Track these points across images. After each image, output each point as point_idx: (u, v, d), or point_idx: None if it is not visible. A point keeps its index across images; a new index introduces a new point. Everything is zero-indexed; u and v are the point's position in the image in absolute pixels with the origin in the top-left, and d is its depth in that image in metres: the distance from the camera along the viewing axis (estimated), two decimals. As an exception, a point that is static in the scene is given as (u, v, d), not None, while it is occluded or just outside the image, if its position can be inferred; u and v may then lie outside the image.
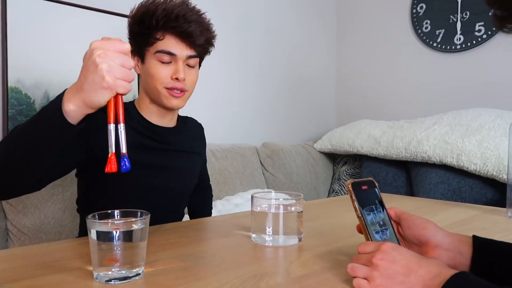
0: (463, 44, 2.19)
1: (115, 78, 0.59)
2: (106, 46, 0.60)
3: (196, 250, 0.73)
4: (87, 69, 0.60)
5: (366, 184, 0.62)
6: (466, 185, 1.75)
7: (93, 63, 0.59)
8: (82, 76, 0.61)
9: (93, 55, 0.59)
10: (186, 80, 0.95)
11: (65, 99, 0.63)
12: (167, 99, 0.95)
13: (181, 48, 0.93)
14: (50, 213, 1.33)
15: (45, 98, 1.52)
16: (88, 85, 0.60)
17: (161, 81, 0.94)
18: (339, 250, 0.73)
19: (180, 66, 0.93)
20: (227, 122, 2.20)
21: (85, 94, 0.60)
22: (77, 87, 0.62)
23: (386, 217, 0.61)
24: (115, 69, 0.60)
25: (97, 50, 0.60)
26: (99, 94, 0.60)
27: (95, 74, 0.59)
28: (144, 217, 0.60)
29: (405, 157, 1.94)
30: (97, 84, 0.59)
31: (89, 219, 0.58)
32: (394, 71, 2.51)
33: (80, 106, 0.62)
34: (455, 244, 0.58)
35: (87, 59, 0.61)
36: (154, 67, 0.94)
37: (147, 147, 0.98)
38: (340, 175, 2.35)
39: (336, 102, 2.85)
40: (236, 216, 1.05)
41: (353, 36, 2.72)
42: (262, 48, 2.37)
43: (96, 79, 0.59)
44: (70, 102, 0.62)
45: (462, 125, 1.83)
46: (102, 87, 0.59)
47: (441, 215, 1.06)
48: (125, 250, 0.57)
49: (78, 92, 0.61)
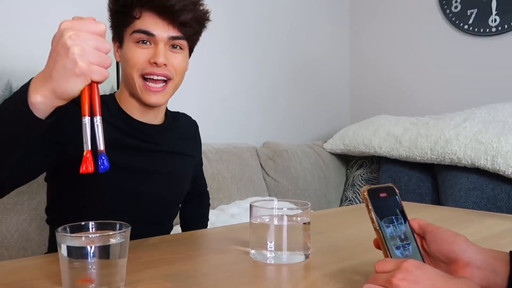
0: (499, 26, 2.19)
1: (89, 63, 0.59)
2: (78, 26, 0.60)
3: (185, 268, 0.73)
4: (57, 53, 0.59)
5: (385, 191, 0.62)
6: (502, 192, 1.75)
7: (63, 46, 0.58)
8: (50, 61, 0.60)
9: (63, 37, 0.59)
10: (170, 65, 0.93)
11: (31, 89, 0.62)
12: (143, 94, 0.94)
13: (162, 28, 0.92)
14: (13, 225, 1.33)
15: (7, 89, 1.52)
16: (58, 72, 0.59)
17: (137, 66, 0.92)
18: (354, 269, 0.73)
19: (160, 48, 0.92)
20: (219, 117, 2.20)
21: (55, 83, 0.60)
22: (45, 75, 0.61)
23: (408, 229, 0.61)
24: (89, 52, 0.59)
25: (68, 31, 0.59)
26: (71, 82, 0.59)
27: (66, 58, 0.58)
28: (124, 229, 0.60)
29: (431, 159, 1.94)
30: (69, 70, 0.59)
31: (59, 233, 0.58)
32: (417, 58, 2.51)
33: (49, 97, 0.61)
34: (489, 262, 0.58)
35: (56, 42, 0.60)
36: (130, 50, 0.93)
37: (128, 146, 0.97)
38: (355, 180, 2.35)
39: (350, 94, 2.85)
40: (232, 229, 1.05)
41: (369, 16, 2.72)
42: (259, 28, 2.36)
43: (68, 64, 0.58)
44: (37, 93, 0.61)
45: (498, 122, 1.83)
46: (75, 74, 0.59)
47: (473, 228, 1.06)
48: (102, 268, 0.57)
49: (47, 81, 0.61)
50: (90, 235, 0.61)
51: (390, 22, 2.62)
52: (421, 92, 2.51)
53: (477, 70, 2.28)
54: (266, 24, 2.38)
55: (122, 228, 0.61)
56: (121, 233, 0.60)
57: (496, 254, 0.59)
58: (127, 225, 0.61)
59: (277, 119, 2.45)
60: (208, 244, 0.95)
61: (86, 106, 0.61)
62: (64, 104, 0.64)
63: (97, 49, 0.60)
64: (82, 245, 0.57)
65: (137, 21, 0.92)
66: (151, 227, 1.01)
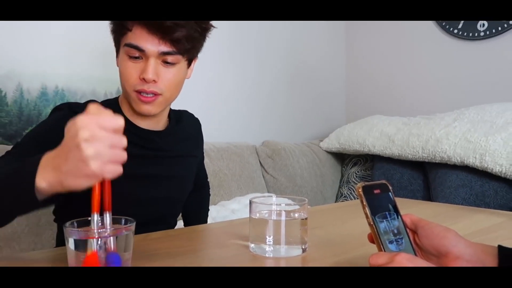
0: (487, 31, 2.19)
1: (102, 165, 0.54)
2: (95, 125, 0.54)
3: (187, 262, 0.73)
4: (69, 150, 0.55)
5: (379, 187, 0.62)
6: (490, 189, 1.75)
7: (77, 147, 0.53)
8: (62, 155, 0.56)
9: (78, 137, 0.53)
10: (160, 82, 0.88)
11: (40, 172, 0.58)
12: (136, 104, 0.90)
13: (152, 43, 0.85)
14: (24, 220, 1.33)
15: (17, 90, 1.51)
16: (67, 168, 0.55)
17: (129, 81, 0.88)
18: (348, 262, 0.73)
19: (150, 64, 0.86)
20: (221, 118, 2.20)
21: (63, 177, 0.56)
22: (55, 166, 0.57)
23: (401, 224, 0.61)
24: (104, 153, 0.54)
25: (84, 131, 0.54)
26: (79, 181, 0.56)
27: (78, 159, 0.54)
28: (129, 224, 0.60)
29: (422, 157, 1.94)
30: (80, 170, 0.55)
31: (67, 227, 0.58)
32: (410, 61, 2.51)
33: (55, 186, 0.58)
34: (478, 255, 0.58)
35: (70, 139, 0.55)
36: (122, 63, 0.89)
37: (133, 155, 0.95)
38: (349, 177, 2.35)
39: (345, 95, 2.84)
40: (233, 224, 1.04)
41: (363, 23, 2.72)
42: (260, 32, 2.36)
43: (79, 165, 0.54)
44: (44, 180, 0.58)
45: (486, 122, 1.83)
46: (86, 175, 0.55)
47: (463, 223, 1.06)
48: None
49: (55, 172, 0.57)
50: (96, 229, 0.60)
51: (383, 27, 2.61)
52: (413, 94, 2.51)
53: (466, 73, 2.28)
54: (266, 31, 2.37)
55: (127, 223, 0.61)
56: (126, 227, 0.60)
57: (484, 248, 0.59)
58: (131, 220, 0.61)
59: (275, 120, 2.45)
60: (209, 239, 0.95)
61: (96, 202, 0.57)
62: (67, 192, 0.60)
63: (112, 147, 0.55)
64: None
65: (130, 33, 0.86)
66: (156, 226, 1.00)
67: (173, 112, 1.08)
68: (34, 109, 1.55)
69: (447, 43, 2.34)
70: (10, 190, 0.62)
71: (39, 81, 1.56)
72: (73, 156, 0.54)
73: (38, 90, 1.56)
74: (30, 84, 1.54)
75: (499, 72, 2.16)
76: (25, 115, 1.54)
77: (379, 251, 0.58)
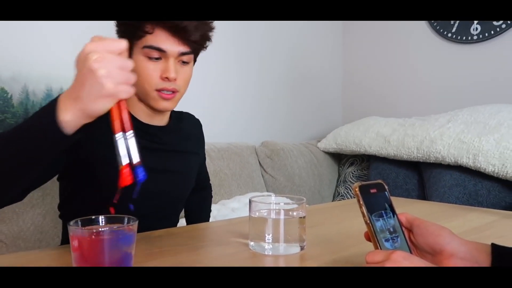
0: (480, 34, 2.19)
1: (115, 84, 0.58)
2: (101, 47, 0.59)
3: (188, 259, 0.72)
4: (83, 76, 0.58)
5: (375, 187, 0.62)
6: (483, 188, 1.75)
7: (89, 70, 0.57)
8: (78, 83, 0.59)
9: (88, 60, 0.57)
10: (178, 79, 0.92)
11: (60, 108, 0.61)
12: (156, 102, 0.93)
13: (172, 44, 0.89)
14: (29, 219, 1.33)
15: (23, 92, 1.51)
16: (85, 93, 0.58)
17: (150, 82, 0.91)
18: (345, 260, 0.73)
19: (171, 64, 0.90)
20: (223, 119, 2.20)
21: (84, 104, 0.59)
22: (73, 95, 0.60)
23: (397, 223, 0.61)
24: (115, 73, 0.58)
25: (93, 54, 0.58)
26: (99, 103, 0.59)
27: (93, 81, 0.58)
28: (132, 223, 0.60)
29: (417, 157, 1.94)
30: (97, 92, 0.58)
31: (71, 226, 0.58)
32: (405, 64, 2.51)
33: (79, 116, 0.60)
34: (472, 253, 0.58)
35: (81, 65, 0.59)
36: (141, 64, 0.91)
37: (140, 148, 0.96)
38: (346, 177, 2.35)
39: (342, 97, 2.84)
40: (233, 222, 1.04)
41: (360, 26, 2.72)
42: (262, 39, 2.36)
43: (95, 87, 0.58)
44: (67, 112, 0.60)
45: (479, 123, 1.83)
46: (103, 95, 0.58)
47: (456, 221, 1.06)
48: (111, 259, 0.57)
49: (75, 101, 0.60)
50: (100, 228, 0.60)
51: (378, 32, 2.61)
52: (408, 95, 2.51)
53: (460, 75, 2.28)
54: (268, 36, 2.37)
55: (130, 222, 0.61)
56: (129, 226, 0.60)
57: (478, 246, 0.59)
58: (134, 219, 0.61)
59: (274, 121, 2.44)
60: (210, 237, 0.95)
61: (116, 123, 0.61)
62: (91, 121, 0.63)
63: (121, 69, 0.59)
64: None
65: (149, 36, 0.89)
66: (159, 221, 1.00)
67: (174, 111, 1.10)
68: (39, 111, 1.55)
69: (441, 46, 2.35)
70: (35, 134, 0.62)
71: (44, 83, 1.56)
72: (87, 81, 0.58)
73: (43, 92, 1.56)
74: (35, 86, 1.54)
75: (492, 74, 2.16)
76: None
77: (376, 249, 0.58)
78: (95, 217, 0.62)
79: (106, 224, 0.62)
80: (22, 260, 0.73)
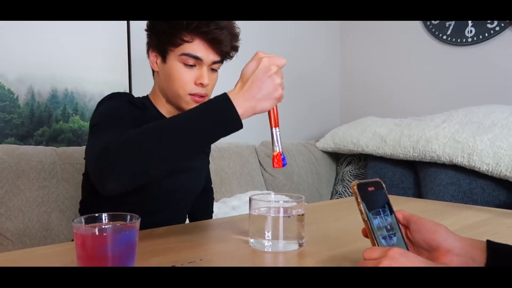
0: (474, 37, 2.18)
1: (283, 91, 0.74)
2: (276, 62, 0.73)
3: (190, 256, 0.72)
4: (262, 82, 0.71)
5: (373, 185, 0.62)
6: (477, 187, 1.75)
7: (270, 78, 0.71)
8: (255, 87, 0.71)
9: (270, 71, 0.71)
10: (209, 85, 0.98)
11: (235, 104, 0.70)
12: (188, 105, 0.97)
13: (208, 53, 0.95)
14: (34, 216, 1.32)
15: (29, 93, 1.51)
16: (262, 95, 0.71)
17: (184, 87, 0.95)
18: (343, 256, 0.72)
19: (204, 71, 0.95)
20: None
21: (257, 103, 0.71)
22: (247, 97, 0.71)
23: (394, 221, 0.61)
24: (282, 83, 0.73)
25: (273, 67, 0.72)
26: (270, 103, 0.72)
27: (271, 87, 0.71)
28: (134, 221, 0.60)
29: (413, 156, 1.94)
30: (272, 95, 0.72)
31: (75, 223, 0.58)
32: (401, 65, 2.51)
33: (248, 112, 0.71)
34: (467, 249, 0.58)
35: (262, 73, 0.71)
36: (177, 70, 0.95)
37: None
38: (344, 176, 2.34)
39: (340, 98, 2.84)
40: (233, 220, 1.04)
41: (357, 29, 2.71)
42: (259, 38, 2.36)
43: (273, 92, 0.72)
44: (240, 108, 0.70)
45: (474, 123, 1.82)
46: (275, 98, 0.72)
47: (452, 219, 1.06)
48: (114, 256, 0.56)
49: (250, 100, 0.71)
50: (103, 226, 0.60)
51: (376, 35, 2.61)
52: (404, 96, 2.50)
53: (455, 77, 2.28)
54: (266, 35, 2.37)
55: (132, 219, 0.60)
56: (131, 223, 0.59)
57: (473, 243, 0.59)
58: (136, 216, 0.61)
59: (274, 121, 2.44)
60: (211, 234, 0.94)
61: (273, 119, 0.77)
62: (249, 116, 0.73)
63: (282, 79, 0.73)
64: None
65: (187, 44, 0.93)
66: (171, 215, 1.04)
67: None
68: (44, 111, 1.55)
69: (436, 48, 2.34)
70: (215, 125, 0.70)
71: (49, 84, 1.56)
72: (266, 85, 0.71)
73: (49, 92, 1.56)
74: (41, 87, 1.54)
75: (486, 75, 2.15)
76: (36, 116, 1.53)
77: (373, 245, 0.58)
78: (98, 214, 0.61)
79: (109, 222, 0.61)
80: (28, 257, 0.73)
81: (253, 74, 0.71)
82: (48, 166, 1.38)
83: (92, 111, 1.67)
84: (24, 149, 1.37)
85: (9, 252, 0.76)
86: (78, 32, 1.59)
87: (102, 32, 1.64)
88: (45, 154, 1.40)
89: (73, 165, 1.43)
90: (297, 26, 2.54)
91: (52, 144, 1.55)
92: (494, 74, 2.12)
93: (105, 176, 0.68)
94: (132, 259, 0.59)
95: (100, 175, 0.70)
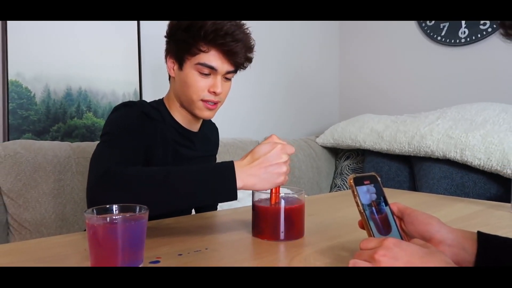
0: (467, 37, 2.16)
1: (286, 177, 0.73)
2: (287, 152, 0.73)
3: (196, 245, 0.72)
4: (271, 165, 0.71)
5: (369, 179, 0.61)
6: (469, 180, 1.74)
7: (278, 165, 0.72)
8: (262, 167, 0.71)
9: (280, 160, 0.72)
10: (222, 93, 0.98)
11: (238, 176, 0.70)
12: (200, 111, 0.97)
13: (223, 64, 0.94)
14: (51, 208, 1.33)
15: (45, 91, 1.51)
16: (266, 177, 0.71)
17: (198, 93, 0.95)
18: (341, 246, 0.72)
19: (218, 80, 0.95)
20: (227, 116, 2.19)
21: (258, 181, 0.71)
22: (252, 173, 0.71)
23: (389, 212, 0.60)
24: (288, 170, 0.73)
25: (284, 156, 0.72)
26: (270, 186, 0.72)
27: (277, 173, 0.71)
28: (143, 212, 0.60)
29: (408, 152, 1.93)
30: (275, 179, 0.72)
31: (87, 214, 0.58)
32: (397, 65, 2.49)
33: (247, 187, 0.71)
34: (458, 240, 0.57)
35: (274, 157, 0.71)
36: (192, 78, 0.95)
37: (182, 156, 1.01)
38: (343, 169, 2.34)
39: (339, 96, 2.83)
40: (237, 211, 1.04)
41: (356, 29, 2.69)
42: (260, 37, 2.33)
43: (275, 176, 0.72)
44: (241, 181, 0.70)
45: (466, 120, 1.81)
46: (276, 183, 0.72)
47: (444, 211, 1.05)
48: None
49: (253, 177, 0.71)
50: (113, 216, 0.60)
51: (373, 35, 2.59)
52: (400, 94, 2.49)
53: (449, 75, 2.26)
54: (266, 34, 2.36)
55: (141, 211, 0.61)
56: (140, 214, 0.59)
57: (465, 234, 0.58)
58: (145, 207, 0.61)
59: (276, 117, 2.43)
60: (216, 224, 0.94)
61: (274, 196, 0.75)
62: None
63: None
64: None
65: (203, 54, 0.93)
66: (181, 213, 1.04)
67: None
68: (60, 108, 1.55)
69: (431, 48, 2.32)
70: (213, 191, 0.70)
71: (64, 83, 1.56)
72: (272, 170, 0.71)
73: (64, 91, 1.56)
74: (56, 85, 1.54)
75: (479, 74, 2.14)
76: (52, 113, 1.53)
77: (369, 236, 0.58)
78: (109, 206, 0.61)
79: (120, 213, 0.61)
80: (44, 245, 0.73)
81: (264, 156, 0.72)
82: (63, 160, 1.38)
83: (104, 108, 1.69)
84: (41, 144, 1.38)
85: (27, 241, 0.77)
86: (91, 33, 1.58)
87: (114, 33, 1.64)
88: (60, 148, 1.40)
89: (86, 159, 1.43)
90: (297, 24, 2.52)
91: (67, 140, 1.55)
92: (486, 73, 2.11)
93: (98, 201, 0.68)
94: (141, 248, 0.60)
95: (93, 196, 0.73)
